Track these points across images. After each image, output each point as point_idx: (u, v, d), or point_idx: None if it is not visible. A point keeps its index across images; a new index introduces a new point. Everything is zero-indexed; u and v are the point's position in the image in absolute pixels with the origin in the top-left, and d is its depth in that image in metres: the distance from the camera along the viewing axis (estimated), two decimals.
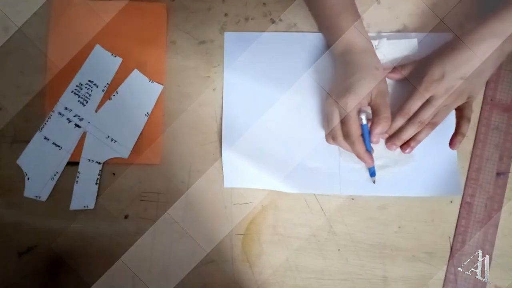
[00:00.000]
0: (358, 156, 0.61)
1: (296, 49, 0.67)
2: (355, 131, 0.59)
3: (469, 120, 0.62)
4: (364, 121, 0.60)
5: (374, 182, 0.64)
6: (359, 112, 0.60)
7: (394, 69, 0.64)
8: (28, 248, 0.64)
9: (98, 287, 0.63)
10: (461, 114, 0.62)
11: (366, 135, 0.60)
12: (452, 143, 0.62)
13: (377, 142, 0.60)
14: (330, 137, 0.62)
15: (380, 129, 0.59)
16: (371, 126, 0.60)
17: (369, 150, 0.61)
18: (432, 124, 0.61)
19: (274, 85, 0.66)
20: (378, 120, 0.59)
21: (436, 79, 0.59)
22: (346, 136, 0.60)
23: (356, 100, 0.58)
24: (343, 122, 0.60)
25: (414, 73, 0.63)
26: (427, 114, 0.60)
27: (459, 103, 0.61)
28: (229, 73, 0.67)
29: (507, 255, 0.64)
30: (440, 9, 0.67)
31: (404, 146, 0.63)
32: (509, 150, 0.64)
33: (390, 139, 0.62)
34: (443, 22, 0.66)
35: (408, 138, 0.62)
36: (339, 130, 0.61)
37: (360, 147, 0.60)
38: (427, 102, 0.60)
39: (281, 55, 0.67)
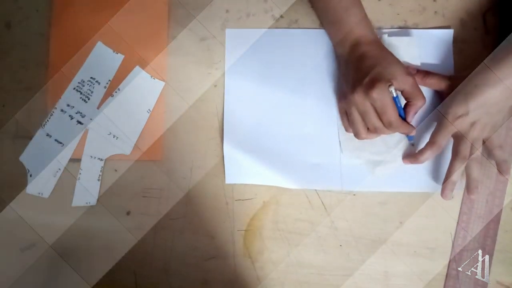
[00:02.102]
0: (404, 133, 0.61)
1: (298, 45, 0.67)
2: (396, 117, 0.58)
3: (501, 146, 0.62)
4: (395, 94, 0.58)
5: (413, 145, 0.64)
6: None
7: (419, 72, 0.64)
8: (30, 244, 0.64)
9: (100, 283, 0.63)
10: (491, 144, 0.62)
11: (400, 110, 0.59)
12: (501, 173, 0.62)
13: (411, 120, 0.60)
14: (367, 132, 0.61)
15: (417, 109, 0.59)
16: (406, 108, 0.60)
17: (404, 119, 0.60)
18: (476, 159, 0.61)
19: (275, 82, 0.66)
20: (415, 101, 0.58)
21: (461, 115, 0.59)
22: (389, 125, 0.59)
23: (387, 88, 0.57)
24: (380, 112, 0.58)
25: (436, 88, 0.63)
26: (465, 149, 0.60)
27: (485, 135, 0.61)
28: (231, 69, 0.67)
29: (508, 251, 0.64)
30: (441, 5, 0.67)
31: (470, 189, 0.61)
32: (510, 146, 0.64)
33: (443, 188, 0.62)
34: (444, 18, 0.66)
35: (458, 178, 0.61)
36: (378, 122, 0.59)
37: (405, 126, 0.60)
38: (459, 138, 0.61)
39: (282, 52, 0.67)
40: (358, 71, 0.60)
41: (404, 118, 0.60)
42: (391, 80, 0.57)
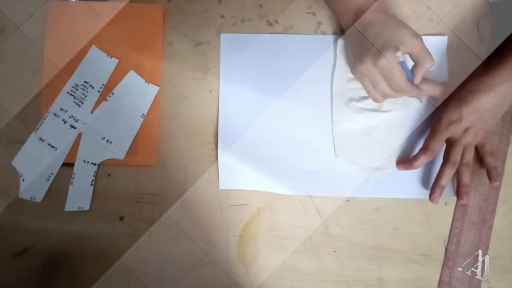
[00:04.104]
0: (413, 97, 0.61)
1: (293, 51, 0.67)
2: (404, 82, 0.59)
3: (492, 153, 0.63)
4: (402, 58, 0.58)
5: (421, 101, 0.64)
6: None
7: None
8: (23, 250, 0.64)
9: None
10: (483, 150, 0.63)
11: (408, 73, 0.59)
12: (490, 179, 0.63)
13: (418, 82, 0.60)
14: (379, 96, 0.62)
15: (425, 71, 0.59)
16: (414, 70, 0.59)
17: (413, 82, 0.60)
18: (468, 164, 0.62)
19: (271, 87, 0.66)
20: (423, 63, 0.58)
21: (454, 120, 0.60)
22: (398, 90, 0.59)
23: (395, 54, 0.58)
24: (389, 79, 0.59)
25: (433, 94, 0.63)
26: (457, 153, 0.61)
27: (477, 140, 0.62)
28: (226, 74, 0.67)
29: (501, 257, 0.64)
30: (435, 12, 0.67)
31: (459, 196, 0.62)
32: (503, 152, 0.65)
33: (431, 191, 0.62)
34: (438, 25, 0.67)
35: (448, 183, 0.62)
36: (388, 89, 0.60)
37: (414, 90, 0.60)
38: (451, 143, 0.61)
39: (277, 57, 0.67)
40: (364, 41, 0.60)
41: (412, 81, 0.60)
42: (398, 47, 0.57)
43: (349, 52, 0.65)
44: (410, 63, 0.60)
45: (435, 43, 0.66)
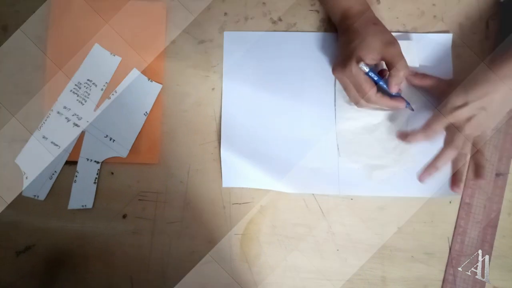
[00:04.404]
0: (390, 108, 0.61)
1: (296, 48, 0.67)
2: (373, 93, 0.59)
3: (483, 154, 0.62)
4: (366, 69, 0.58)
5: (412, 110, 0.63)
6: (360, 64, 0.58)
7: (417, 74, 0.64)
8: (26, 248, 0.64)
9: (96, 287, 0.63)
10: (476, 145, 0.62)
11: (380, 83, 0.59)
12: (478, 176, 0.62)
13: (396, 91, 0.60)
14: (356, 104, 0.62)
15: (398, 79, 0.59)
16: (389, 78, 0.59)
17: (392, 94, 0.60)
18: (465, 155, 0.61)
19: (273, 85, 0.66)
20: (394, 71, 0.58)
21: (459, 106, 0.59)
22: (368, 100, 0.59)
23: (357, 63, 0.58)
24: (357, 89, 0.59)
25: (434, 91, 0.63)
26: (460, 140, 0.60)
27: (476, 134, 0.61)
28: (228, 72, 0.66)
29: (506, 256, 0.64)
30: (440, 9, 0.67)
31: (454, 183, 0.62)
32: (508, 151, 0.64)
33: (424, 170, 0.62)
34: (443, 22, 0.66)
35: (443, 166, 0.61)
36: (358, 97, 0.60)
37: (385, 100, 0.60)
38: (453, 131, 0.60)
39: (280, 55, 0.67)
40: (341, 46, 0.61)
41: (389, 91, 0.60)
42: (360, 57, 0.57)
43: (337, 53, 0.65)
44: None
45: (440, 41, 0.66)
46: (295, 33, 0.67)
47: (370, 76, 0.59)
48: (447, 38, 0.66)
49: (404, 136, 0.62)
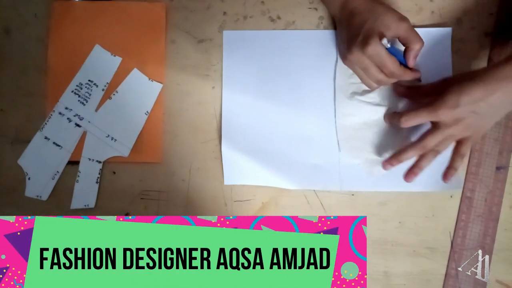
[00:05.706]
0: (409, 79, 0.61)
1: (295, 47, 0.67)
2: (396, 67, 0.59)
3: (463, 156, 0.61)
4: (388, 44, 0.58)
5: (420, 81, 0.63)
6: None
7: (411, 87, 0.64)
8: None
9: None
10: (457, 149, 0.61)
11: (400, 57, 0.60)
12: (445, 176, 0.62)
13: (413, 64, 0.60)
14: (374, 84, 0.62)
15: (415, 53, 0.59)
16: (405, 53, 0.59)
17: (407, 66, 0.60)
18: (436, 152, 0.60)
19: (273, 83, 0.66)
20: (412, 44, 0.58)
21: (450, 106, 0.56)
22: (391, 75, 0.59)
23: (381, 41, 0.58)
24: (380, 65, 0.59)
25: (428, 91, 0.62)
26: (433, 141, 0.58)
27: (463, 135, 0.59)
28: (228, 71, 0.67)
29: (508, 250, 0.63)
30: (438, 5, 0.67)
31: (409, 173, 0.61)
32: (508, 144, 0.64)
33: (390, 159, 0.61)
34: (441, 18, 0.67)
35: (407, 160, 0.60)
36: (380, 75, 0.60)
37: (408, 73, 0.60)
38: (435, 128, 0.58)
39: (280, 53, 0.67)
40: (351, 30, 0.60)
41: (406, 64, 0.60)
42: (382, 33, 0.57)
43: (340, 42, 0.65)
44: (401, 46, 0.60)
45: (439, 35, 0.66)
46: (294, 31, 0.67)
47: (391, 52, 0.59)
48: (447, 32, 0.66)
49: (391, 117, 0.62)
